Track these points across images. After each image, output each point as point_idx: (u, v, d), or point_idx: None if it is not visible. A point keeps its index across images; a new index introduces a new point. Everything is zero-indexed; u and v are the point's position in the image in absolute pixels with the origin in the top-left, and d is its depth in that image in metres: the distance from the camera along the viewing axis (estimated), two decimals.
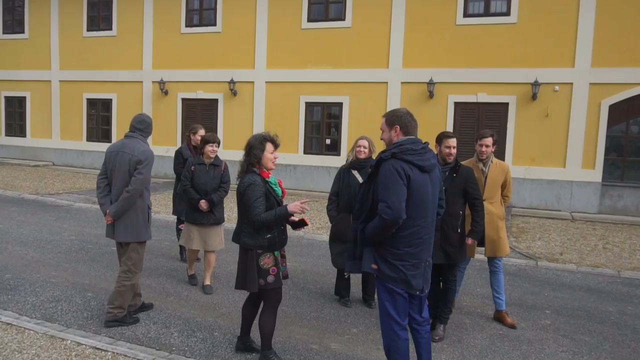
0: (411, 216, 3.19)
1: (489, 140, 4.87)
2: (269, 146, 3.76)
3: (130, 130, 4.59)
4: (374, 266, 3.32)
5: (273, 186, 3.79)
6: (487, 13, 12.15)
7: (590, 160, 11.61)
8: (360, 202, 3.41)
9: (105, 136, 16.43)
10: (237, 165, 3.92)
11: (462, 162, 4.81)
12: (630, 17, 11.08)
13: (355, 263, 3.44)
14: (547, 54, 11.65)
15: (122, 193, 4.40)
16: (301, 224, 3.80)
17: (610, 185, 11.60)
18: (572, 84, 11.56)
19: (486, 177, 4.92)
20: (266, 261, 3.70)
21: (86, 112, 16.67)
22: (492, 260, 5.05)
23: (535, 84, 11.53)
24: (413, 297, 3.40)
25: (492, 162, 4.96)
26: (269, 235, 3.69)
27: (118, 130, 16.08)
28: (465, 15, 12.24)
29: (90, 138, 16.72)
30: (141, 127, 4.57)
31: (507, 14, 11.93)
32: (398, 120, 3.33)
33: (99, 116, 16.56)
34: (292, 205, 3.62)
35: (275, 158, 3.81)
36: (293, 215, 3.72)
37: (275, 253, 3.76)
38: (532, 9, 11.69)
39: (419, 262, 3.28)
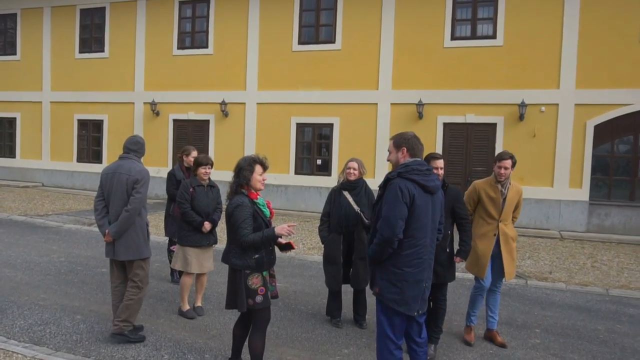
0: (412, 236, 3.27)
1: (508, 163, 4.83)
2: (257, 168, 3.84)
3: (124, 152, 4.71)
4: (376, 290, 3.41)
5: (261, 207, 3.86)
6: (473, 36, 12.42)
7: (577, 180, 11.78)
8: (373, 223, 3.49)
9: (96, 157, 16.41)
10: (227, 186, 3.98)
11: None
12: (612, 41, 11.38)
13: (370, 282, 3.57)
14: (533, 75, 11.90)
15: (120, 213, 4.50)
16: (288, 247, 3.87)
17: (597, 204, 11.75)
18: (557, 104, 11.79)
19: (504, 199, 4.88)
20: (254, 281, 3.74)
21: (77, 133, 16.66)
22: (495, 280, 5.06)
23: (522, 105, 11.74)
24: (413, 319, 3.45)
25: (510, 183, 4.93)
26: (256, 256, 3.74)
27: (109, 151, 16.08)
28: (453, 38, 12.50)
29: (80, 159, 16.68)
30: (135, 148, 4.69)
31: (494, 37, 12.20)
32: (405, 142, 3.45)
33: (89, 137, 16.55)
34: (279, 227, 3.70)
35: (264, 180, 3.89)
36: (281, 237, 3.78)
37: (264, 273, 3.80)
38: (517, 32, 11.97)
39: (419, 282, 3.35)
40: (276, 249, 3.97)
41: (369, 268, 3.49)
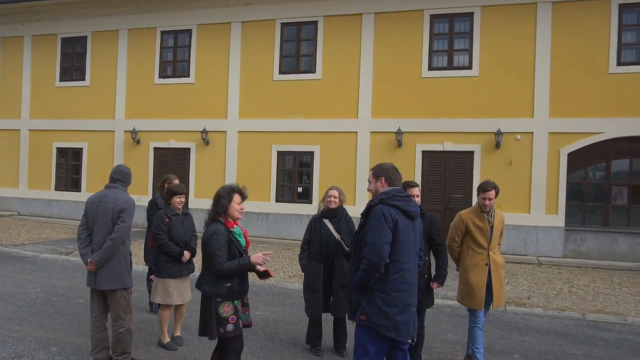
0: (398, 260, 3.36)
1: (492, 194, 4.86)
2: (236, 197, 3.92)
3: (110, 181, 4.75)
4: (362, 317, 3.43)
5: (237, 236, 3.91)
6: (450, 67, 12.78)
7: (553, 206, 12.03)
8: (354, 251, 3.56)
9: (75, 185, 16.22)
10: (207, 214, 4.03)
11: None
12: (582, 72, 11.82)
13: (351, 311, 3.59)
14: (508, 104, 12.25)
15: (104, 242, 4.50)
16: (266, 274, 3.93)
17: (573, 229, 11.99)
18: (532, 133, 12.12)
19: (492, 227, 4.92)
20: (225, 309, 3.77)
21: (55, 161, 16.49)
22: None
23: (498, 133, 12.04)
24: (398, 347, 3.47)
25: (495, 211, 4.97)
26: (228, 284, 3.78)
27: (88, 179, 15.93)
28: (430, 68, 12.84)
29: (58, 187, 16.47)
30: (119, 177, 4.74)
31: (469, 67, 12.56)
32: (384, 172, 3.60)
33: (68, 165, 16.39)
34: (255, 256, 3.77)
35: (242, 209, 3.96)
36: (257, 266, 3.82)
37: (235, 302, 3.83)
38: (492, 63, 12.36)
39: (409, 306, 3.42)
40: (253, 277, 4.00)
41: (354, 296, 3.50)
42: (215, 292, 3.76)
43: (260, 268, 3.88)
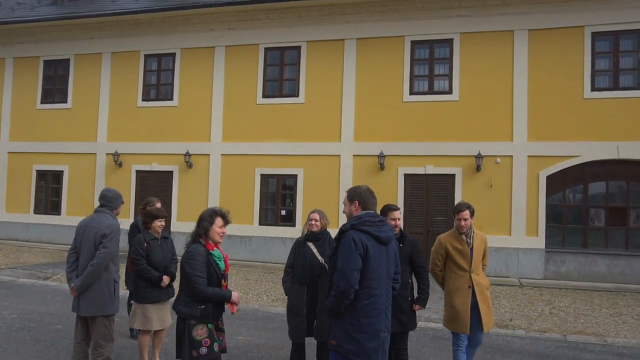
0: (368, 286, 3.33)
1: (466, 214, 4.86)
2: (218, 220, 3.97)
3: (99, 205, 4.74)
4: (333, 342, 3.42)
5: (216, 259, 3.94)
6: (431, 91, 13.03)
7: (533, 228, 12.20)
8: (329, 275, 3.56)
9: (54, 209, 15.96)
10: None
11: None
12: (558, 97, 12.15)
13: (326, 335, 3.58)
14: (488, 128, 12.49)
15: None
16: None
17: (553, 251, 12.15)
18: (512, 156, 12.35)
19: (472, 249, 4.87)
20: (199, 332, 3.78)
21: (35, 184, 16.25)
22: (476, 334, 4.93)
23: (479, 157, 12.25)
24: None
25: (474, 232, 4.95)
26: (202, 307, 3.81)
27: (68, 202, 15.69)
28: (412, 93, 13.07)
29: (37, 210, 16.19)
30: (103, 201, 4.73)
31: (450, 92, 12.83)
32: (357, 196, 3.59)
33: (48, 188, 16.16)
34: (235, 295, 3.92)
35: (223, 233, 4.01)
36: (233, 304, 3.95)
37: (209, 325, 3.84)
38: (471, 88, 12.64)
39: (378, 332, 3.38)
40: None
41: (326, 321, 3.51)
42: (190, 314, 3.79)
43: (234, 308, 3.96)
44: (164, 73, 15.19)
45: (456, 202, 12.45)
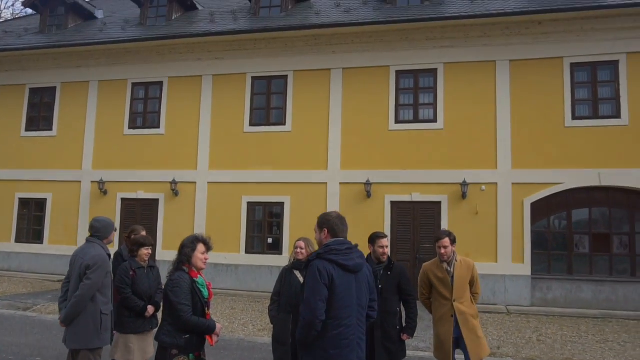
0: (336, 316, 3.23)
1: (446, 242, 4.84)
2: (200, 247, 3.94)
3: (89, 234, 4.73)
4: None
5: (200, 287, 3.90)
6: (416, 120, 13.21)
7: (519, 255, 12.26)
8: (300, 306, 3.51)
9: (37, 237, 15.68)
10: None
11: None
12: (540, 125, 12.39)
13: None
14: (472, 156, 12.65)
15: None
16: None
17: (539, 278, 12.19)
18: (496, 183, 12.49)
19: (452, 277, 4.82)
20: None
21: (17, 212, 15.99)
22: None
23: (464, 184, 12.37)
24: None
25: (456, 260, 4.90)
26: (187, 336, 3.74)
27: (51, 230, 15.43)
28: (397, 121, 13.24)
29: (19, 239, 15.88)
30: (92, 231, 4.69)
31: (435, 121, 13.01)
32: (327, 223, 3.51)
33: (31, 216, 15.91)
34: (218, 326, 3.90)
35: (205, 259, 3.99)
36: (214, 335, 3.91)
37: (190, 356, 3.76)
38: (456, 117, 12.85)
39: None
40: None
41: (298, 352, 3.39)
42: (173, 343, 3.71)
43: (215, 338, 3.91)
44: (151, 101, 15.22)
45: (442, 228, 12.55)
